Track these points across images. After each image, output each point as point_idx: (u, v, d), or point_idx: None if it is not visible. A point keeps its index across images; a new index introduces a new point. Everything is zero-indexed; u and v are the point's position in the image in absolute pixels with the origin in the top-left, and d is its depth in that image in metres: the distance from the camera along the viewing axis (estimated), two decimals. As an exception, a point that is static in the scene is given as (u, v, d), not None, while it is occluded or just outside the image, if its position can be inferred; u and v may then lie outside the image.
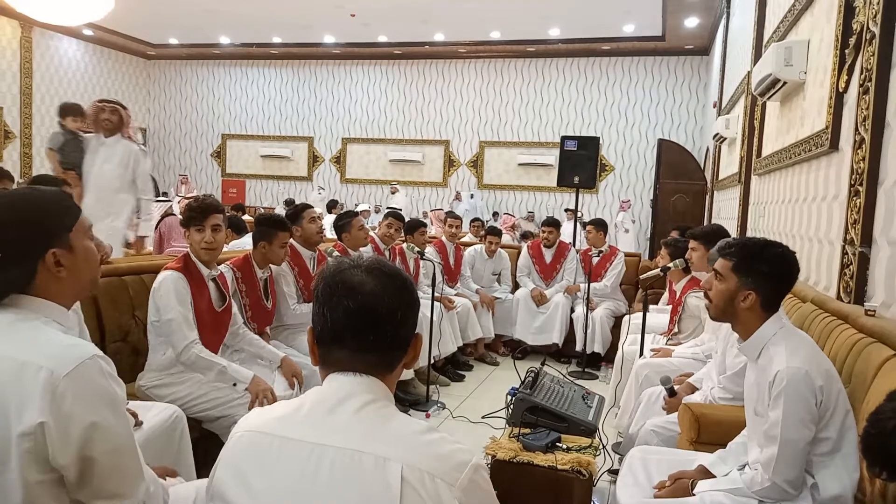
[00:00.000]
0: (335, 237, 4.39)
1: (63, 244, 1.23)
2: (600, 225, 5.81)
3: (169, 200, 6.63)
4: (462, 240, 6.40)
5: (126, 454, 1.19)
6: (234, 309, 2.90)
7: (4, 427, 1.08)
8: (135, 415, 2.15)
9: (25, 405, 1.08)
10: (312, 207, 3.81)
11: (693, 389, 2.85)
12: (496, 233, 5.92)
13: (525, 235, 8.95)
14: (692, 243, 3.58)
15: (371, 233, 4.77)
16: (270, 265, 3.31)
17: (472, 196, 13.14)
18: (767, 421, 1.76)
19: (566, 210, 12.23)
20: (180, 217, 5.93)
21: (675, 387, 2.82)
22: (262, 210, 12.96)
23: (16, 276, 1.19)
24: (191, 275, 2.62)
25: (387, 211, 5.33)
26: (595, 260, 5.66)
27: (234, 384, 2.56)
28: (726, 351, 2.65)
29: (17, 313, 1.19)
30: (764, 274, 1.83)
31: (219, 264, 2.95)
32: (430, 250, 5.43)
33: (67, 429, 1.10)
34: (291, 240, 3.50)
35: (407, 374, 4.21)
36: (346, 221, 4.25)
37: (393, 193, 13.08)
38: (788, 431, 1.71)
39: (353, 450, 0.97)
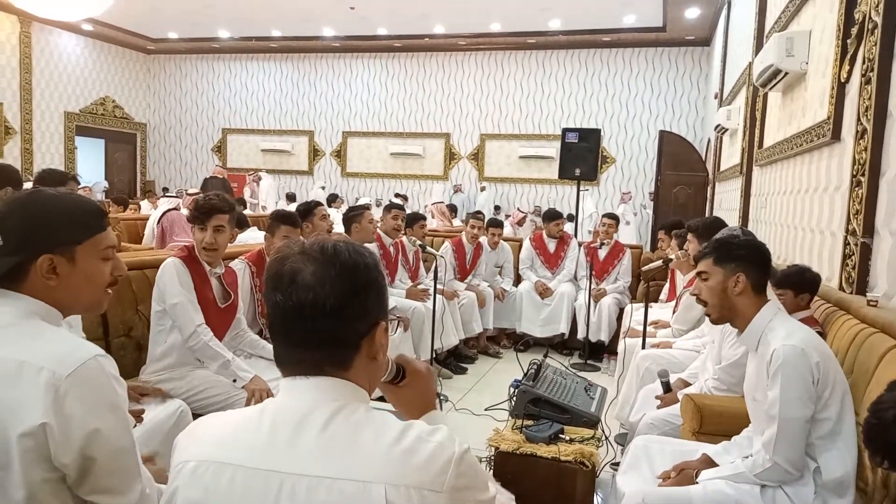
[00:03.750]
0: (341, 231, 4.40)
1: (65, 253, 1.21)
2: (616, 219, 5.90)
3: (176, 197, 6.63)
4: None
5: (125, 454, 1.18)
6: (240, 313, 2.91)
7: (4, 428, 1.07)
8: (140, 412, 2.17)
9: (26, 406, 1.07)
10: (323, 205, 3.84)
11: (686, 385, 2.86)
12: (497, 224, 5.92)
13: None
14: (689, 236, 3.59)
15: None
16: None
17: (483, 189, 13.10)
18: (766, 401, 1.78)
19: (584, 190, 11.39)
20: (183, 212, 5.97)
21: (671, 381, 2.85)
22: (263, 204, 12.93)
23: (5, 265, 1.17)
24: (193, 266, 2.65)
25: (387, 203, 5.34)
26: (602, 254, 5.67)
27: (234, 380, 2.57)
28: (723, 342, 2.67)
29: (14, 310, 1.17)
30: (744, 256, 1.94)
31: (233, 258, 2.96)
32: (446, 246, 5.46)
33: (69, 430, 1.09)
34: (301, 237, 3.52)
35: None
36: (358, 213, 4.22)
37: (257, 182, 12.59)
38: (787, 409, 1.73)
39: (332, 478, 0.89)
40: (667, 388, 2.83)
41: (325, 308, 0.94)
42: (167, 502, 0.96)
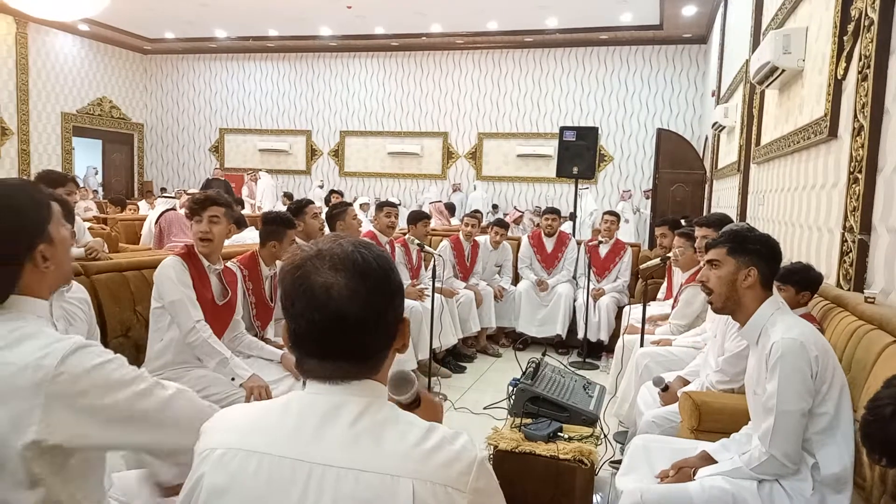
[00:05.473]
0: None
1: (45, 238, 1.21)
2: (617, 216, 5.91)
3: (174, 197, 6.63)
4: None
5: (153, 402, 1.19)
6: (239, 315, 2.91)
7: (5, 438, 1.06)
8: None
9: (20, 415, 1.06)
10: (314, 203, 3.83)
11: (685, 383, 2.86)
12: (502, 225, 5.91)
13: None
14: (701, 231, 3.58)
15: (370, 227, 4.77)
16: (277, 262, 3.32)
17: (474, 188, 13.11)
18: (765, 394, 1.78)
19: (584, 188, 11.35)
20: (181, 212, 5.96)
21: (668, 382, 2.85)
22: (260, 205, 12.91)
23: (5, 280, 1.17)
24: (193, 264, 2.66)
25: (380, 202, 5.33)
26: (603, 252, 5.67)
27: (233, 378, 2.58)
28: (726, 334, 2.67)
29: (16, 314, 1.17)
30: (759, 251, 1.94)
31: (226, 260, 2.95)
32: (444, 244, 5.45)
33: (76, 427, 1.09)
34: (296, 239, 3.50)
35: (409, 366, 4.22)
36: (341, 210, 4.18)
37: (255, 182, 12.48)
38: (784, 402, 1.73)
39: (359, 469, 0.91)
40: (665, 389, 2.82)
41: (367, 323, 0.96)
42: (192, 489, 0.97)
